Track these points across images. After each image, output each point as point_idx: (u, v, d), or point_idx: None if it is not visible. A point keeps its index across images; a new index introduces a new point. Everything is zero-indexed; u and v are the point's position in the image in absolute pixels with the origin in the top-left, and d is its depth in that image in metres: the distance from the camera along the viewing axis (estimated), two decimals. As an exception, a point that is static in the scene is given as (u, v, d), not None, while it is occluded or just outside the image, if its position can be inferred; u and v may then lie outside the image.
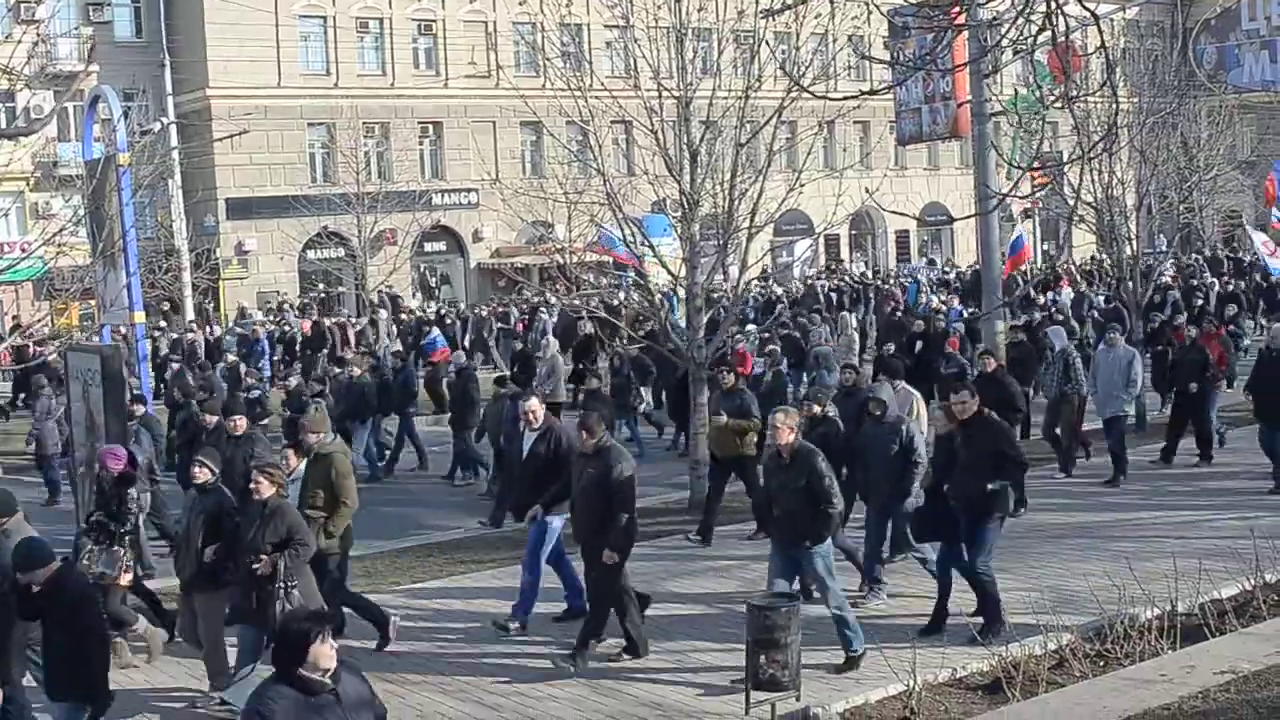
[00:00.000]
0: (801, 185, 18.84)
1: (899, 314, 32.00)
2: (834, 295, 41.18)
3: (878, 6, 9.33)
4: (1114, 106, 17.18)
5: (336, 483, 12.37)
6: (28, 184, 45.43)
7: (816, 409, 14.38)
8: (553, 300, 38.30)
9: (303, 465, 12.57)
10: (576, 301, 25.10)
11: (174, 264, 42.07)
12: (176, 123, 43.21)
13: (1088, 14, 7.56)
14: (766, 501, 12.28)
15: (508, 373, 25.39)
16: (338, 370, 24.22)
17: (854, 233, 61.55)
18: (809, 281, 44.81)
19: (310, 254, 50.50)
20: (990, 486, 11.86)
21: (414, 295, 50.51)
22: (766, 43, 18.28)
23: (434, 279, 54.24)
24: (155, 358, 34.09)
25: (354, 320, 41.44)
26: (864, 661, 11.34)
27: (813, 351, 26.20)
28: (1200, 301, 34.77)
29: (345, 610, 12.55)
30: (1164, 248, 33.90)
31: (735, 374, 17.49)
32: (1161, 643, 11.03)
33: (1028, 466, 13.42)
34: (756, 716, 10.23)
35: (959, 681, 11.00)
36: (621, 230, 19.28)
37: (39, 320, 25.99)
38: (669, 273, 19.51)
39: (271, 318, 42.15)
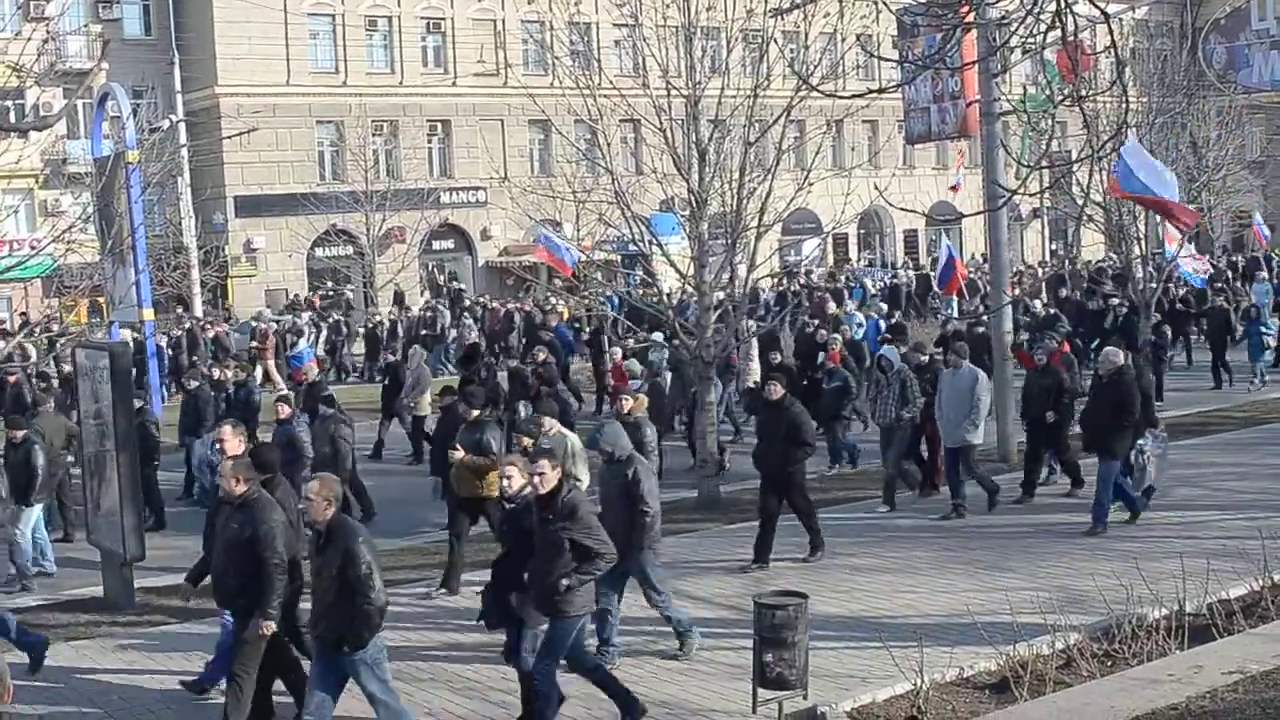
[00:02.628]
0: (810, 184, 18.84)
1: (811, 324, 29.00)
2: (773, 296, 38.80)
3: (887, 5, 9.34)
4: (1123, 106, 17.12)
5: None
6: (37, 181, 45.44)
7: (526, 441, 13.22)
8: (495, 304, 38.47)
9: None
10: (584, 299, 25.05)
11: (182, 261, 42.15)
12: (185, 120, 43.30)
13: (1097, 13, 7.56)
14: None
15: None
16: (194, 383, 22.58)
17: (862, 232, 61.54)
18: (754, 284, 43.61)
19: (319, 252, 50.55)
20: (564, 583, 9.90)
21: (422, 293, 50.53)
22: (775, 41, 18.26)
23: (442, 277, 54.27)
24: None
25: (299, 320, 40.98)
26: (872, 660, 11.32)
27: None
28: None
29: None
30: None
31: (475, 402, 15.17)
32: (1169, 643, 11.02)
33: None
34: (764, 715, 10.23)
35: (966, 681, 11.00)
36: (630, 229, 19.27)
37: (48, 317, 26.03)
38: (677, 271, 19.51)
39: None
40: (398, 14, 51.83)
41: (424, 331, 39.07)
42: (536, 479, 10.14)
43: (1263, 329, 29.46)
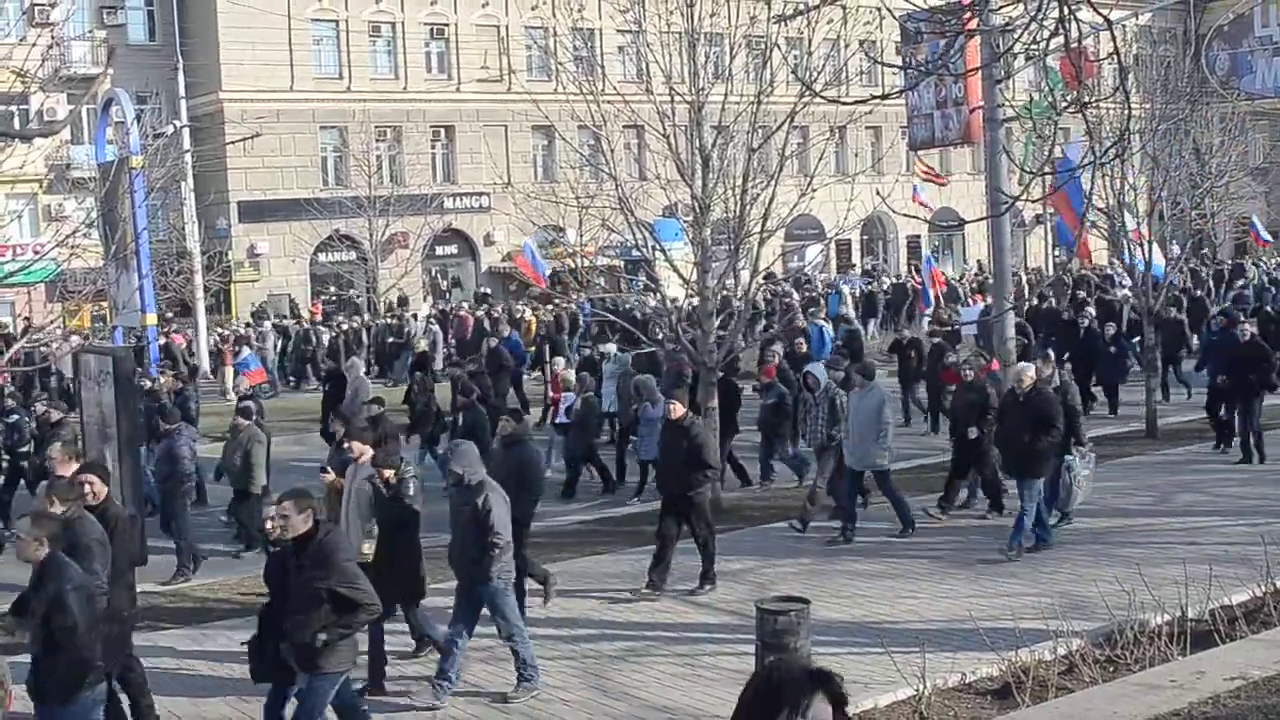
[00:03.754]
0: (813, 190, 18.85)
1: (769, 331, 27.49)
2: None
3: (890, 11, 9.35)
4: (1126, 112, 17.16)
5: None
6: (41, 186, 45.57)
7: (387, 473, 12.30)
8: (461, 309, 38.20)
9: None
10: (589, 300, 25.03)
11: (186, 266, 42.17)
12: (189, 126, 43.30)
13: (1100, 20, 7.57)
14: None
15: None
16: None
17: (865, 237, 61.56)
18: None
19: (322, 257, 50.59)
20: (321, 637, 9.00)
21: (425, 298, 50.56)
22: (778, 48, 18.29)
23: (445, 282, 54.31)
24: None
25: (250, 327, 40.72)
26: (874, 666, 11.33)
27: (632, 380, 22.23)
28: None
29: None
30: (1176, 253, 33.83)
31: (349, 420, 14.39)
32: (1172, 648, 11.02)
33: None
34: (766, 720, 10.21)
35: (968, 686, 11.00)
36: (633, 234, 19.29)
37: (51, 322, 26.04)
38: (680, 277, 19.52)
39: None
40: (401, 20, 51.88)
41: (390, 339, 38.73)
42: (280, 522, 9.30)
43: (1214, 339, 26.32)
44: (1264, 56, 63.66)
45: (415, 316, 42.82)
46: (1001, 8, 11.94)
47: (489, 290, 51.74)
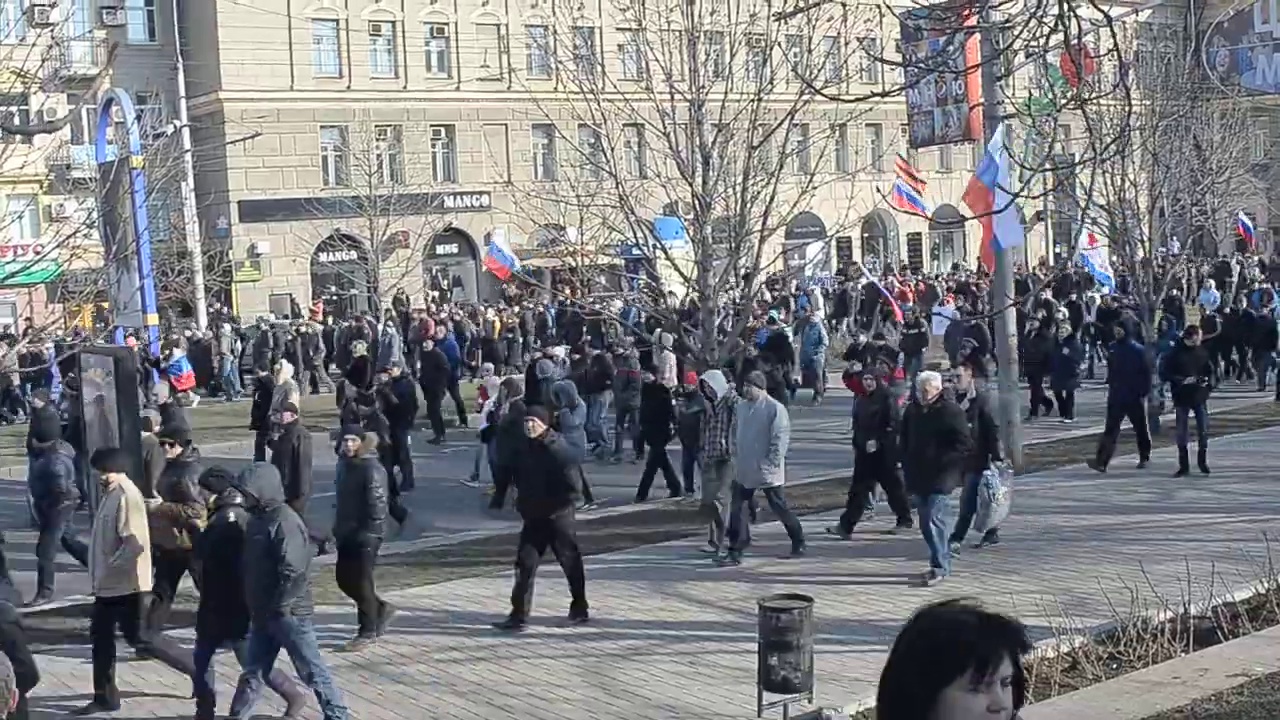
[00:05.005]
0: (814, 188, 18.86)
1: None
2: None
3: (890, 9, 9.35)
4: (1126, 109, 17.13)
5: None
6: (41, 187, 45.58)
7: (107, 477, 11.61)
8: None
9: None
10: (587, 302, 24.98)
11: (187, 266, 42.18)
12: (189, 125, 43.34)
13: (1100, 16, 7.56)
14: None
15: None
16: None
17: (866, 235, 61.55)
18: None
19: (323, 257, 50.53)
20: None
21: (425, 298, 50.53)
22: (779, 45, 18.29)
23: (445, 281, 54.30)
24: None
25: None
26: (877, 663, 11.31)
27: (551, 386, 21.38)
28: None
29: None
30: (1176, 250, 33.83)
31: (178, 438, 13.63)
32: (1174, 645, 11.02)
33: None
34: (768, 718, 10.23)
35: (971, 683, 10.97)
36: (634, 233, 19.29)
37: (52, 323, 26.09)
38: (681, 275, 19.52)
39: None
40: (401, 19, 51.84)
41: (353, 342, 36.75)
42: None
43: (1172, 344, 24.61)
44: (1264, 52, 63.50)
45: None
46: (1001, 4, 11.96)
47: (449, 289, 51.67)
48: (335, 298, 50.32)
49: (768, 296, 39.37)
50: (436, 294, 51.87)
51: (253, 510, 10.59)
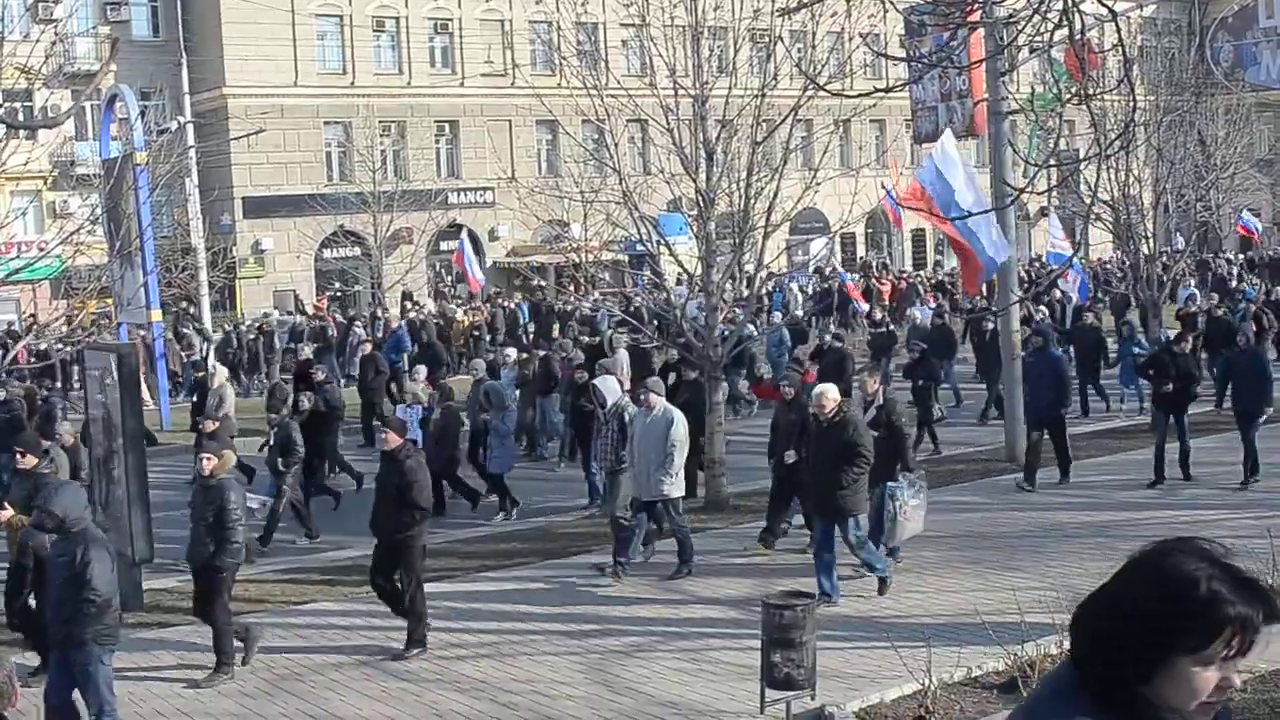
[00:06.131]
0: (817, 184, 18.84)
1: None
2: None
3: (894, 4, 9.32)
4: (1131, 104, 17.10)
5: None
6: (45, 183, 45.59)
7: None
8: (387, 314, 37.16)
9: None
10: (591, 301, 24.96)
11: (190, 263, 42.16)
12: (193, 122, 43.28)
13: (1105, 11, 7.54)
14: None
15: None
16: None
17: (870, 231, 61.49)
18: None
19: (326, 253, 50.60)
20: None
21: (429, 294, 50.58)
22: (782, 41, 18.24)
23: (450, 277, 54.30)
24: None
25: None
26: (880, 660, 11.33)
27: (482, 387, 20.84)
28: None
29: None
30: (1181, 246, 33.81)
31: (31, 448, 13.02)
32: (1178, 642, 10.98)
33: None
34: (771, 715, 10.23)
35: (974, 681, 10.99)
36: (637, 229, 19.27)
37: (56, 319, 26.06)
38: (684, 271, 19.51)
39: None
40: (405, 15, 51.85)
41: (315, 343, 35.74)
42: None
43: (1136, 349, 25.53)
44: (1268, 48, 63.49)
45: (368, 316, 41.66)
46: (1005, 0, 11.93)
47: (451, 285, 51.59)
48: (339, 294, 50.32)
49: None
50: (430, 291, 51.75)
51: (56, 531, 9.96)
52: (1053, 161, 22.74)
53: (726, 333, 19.40)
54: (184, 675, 12.10)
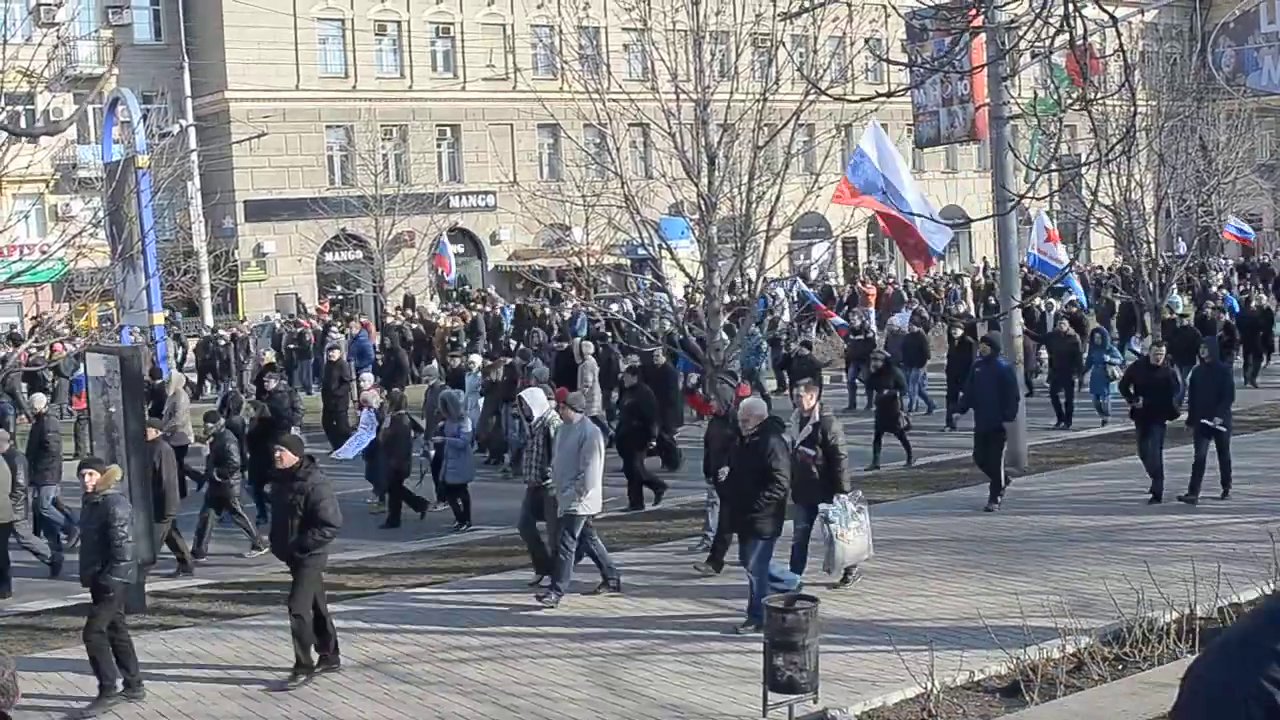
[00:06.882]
0: (819, 188, 18.85)
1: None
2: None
3: (895, 9, 9.33)
4: (1132, 109, 17.09)
5: None
6: (47, 186, 45.62)
7: None
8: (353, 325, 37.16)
9: None
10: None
11: (193, 266, 42.19)
12: (195, 125, 43.41)
13: (1106, 17, 7.56)
14: None
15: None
16: None
17: (871, 235, 61.51)
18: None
19: (328, 256, 50.65)
20: None
21: (431, 297, 50.58)
22: (784, 46, 18.29)
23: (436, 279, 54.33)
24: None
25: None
26: (882, 664, 11.33)
27: (439, 395, 20.36)
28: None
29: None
30: (1182, 250, 33.81)
31: None
32: (1180, 646, 11.01)
33: None
34: (774, 719, 10.23)
35: (977, 684, 10.99)
36: (639, 233, 19.29)
37: (58, 320, 26.09)
38: (686, 275, 19.53)
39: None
40: (407, 19, 51.90)
41: (291, 346, 36.90)
42: None
43: (1107, 357, 25.26)
44: (1270, 53, 63.54)
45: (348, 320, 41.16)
46: (1007, 4, 11.95)
47: (463, 283, 51.59)
48: (341, 297, 50.35)
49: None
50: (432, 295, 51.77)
51: None
52: (1054, 166, 22.75)
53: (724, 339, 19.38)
54: (184, 676, 12.11)
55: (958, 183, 63.03)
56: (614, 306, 20.93)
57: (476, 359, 25.46)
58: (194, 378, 34.42)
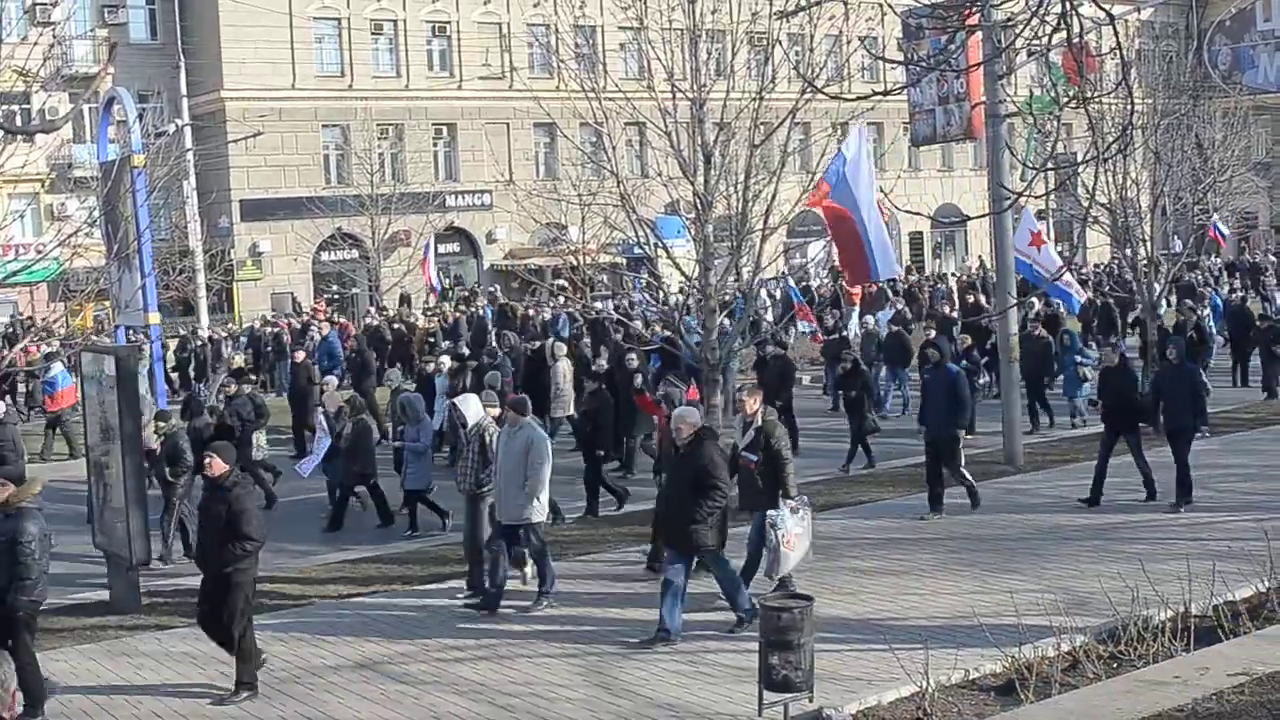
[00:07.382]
0: (816, 186, 18.83)
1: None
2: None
3: (892, 7, 9.33)
4: (1128, 107, 16.99)
5: None
6: (43, 186, 45.60)
7: None
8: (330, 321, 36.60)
9: None
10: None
11: (188, 265, 42.15)
12: (191, 124, 43.30)
13: (1102, 15, 7.56)
14: None
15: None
16: None
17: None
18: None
19: (324, 255, 50.59)
20: None
21: (425, 299, 50.54)
22: (780, 44, 18.27)
23: (447, 279, 54.30)
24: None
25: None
26: (877, 662, 11.33)
27: (400, 398, 20.10)
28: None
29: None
30: (1179, 249, 33.79)
31: None
32: (1175, 644, 11.02)
33: None
34: (769, 718, 10.23)
35: (972, 683, 10.99)
36: (635, 232, 19.27)
37: (54, 320, 26.09)
38: (682, 274, 19.51)
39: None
40: (403, 17, 51.85)
41: (268, 348, 36.85)
42: None
43: (1079, 358, 25.15)
44: (1266, 51, 63.57)
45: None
46: (1003, 3, 11.96)
47: (450, 287, 51.53)
48: (337, 296, 50.32)
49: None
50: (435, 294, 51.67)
51: None
52: (1050, 164, 22.76)
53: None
54: (183, 676, 12.10)
55: (954, 181, 63.01)
56: (598, 305, 20.82)
57: (446, 361, 25.17)
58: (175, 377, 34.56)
